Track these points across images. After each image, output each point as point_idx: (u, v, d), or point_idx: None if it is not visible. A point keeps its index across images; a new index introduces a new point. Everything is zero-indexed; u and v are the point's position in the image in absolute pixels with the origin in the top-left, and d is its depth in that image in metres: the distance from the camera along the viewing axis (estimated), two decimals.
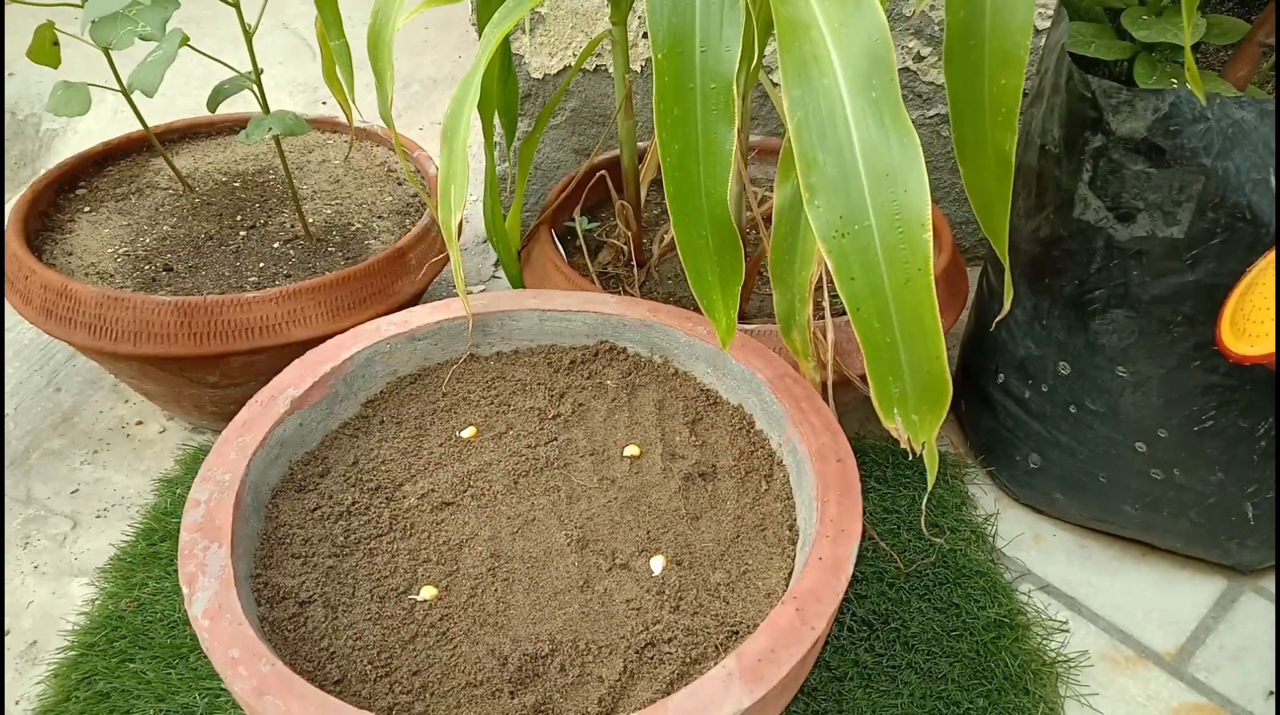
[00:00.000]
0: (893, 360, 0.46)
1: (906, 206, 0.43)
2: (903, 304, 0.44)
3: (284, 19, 1.85)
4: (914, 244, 0.43)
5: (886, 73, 0.44)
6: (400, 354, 0.73)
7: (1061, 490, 0.90)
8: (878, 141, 0.44)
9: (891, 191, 0.43)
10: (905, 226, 0.43)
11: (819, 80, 0.45)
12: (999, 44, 0.54)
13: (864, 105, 0.44)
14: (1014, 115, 0.55)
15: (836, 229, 0.44)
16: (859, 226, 0.44)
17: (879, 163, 0.44)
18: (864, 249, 0.44)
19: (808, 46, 0.45)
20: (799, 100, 0.45)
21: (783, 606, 0.52)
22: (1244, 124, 0.66)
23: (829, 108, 0.45)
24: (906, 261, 0.43)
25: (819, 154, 0.44)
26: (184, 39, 0.84)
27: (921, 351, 0.45)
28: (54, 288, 0.87)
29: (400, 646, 0.55)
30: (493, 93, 0.87)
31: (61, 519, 0.94)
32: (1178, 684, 0.81)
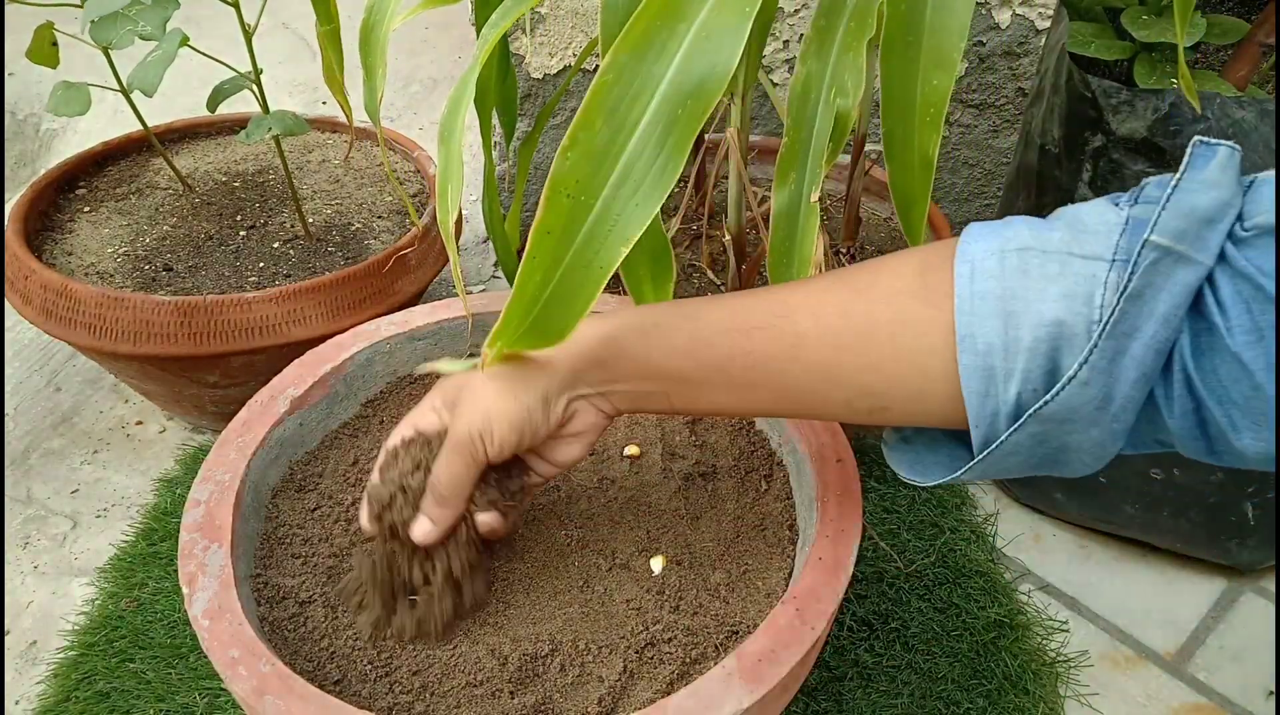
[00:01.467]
0: (526, 312, 0.46)
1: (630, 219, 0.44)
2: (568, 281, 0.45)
3: (284, 19, 1.85)
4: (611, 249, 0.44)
5: (705, 105, 0.44)
6: (400, 354, 0.73)
7: (1061, 490, 0.90)
8: (649, 152, 0.44)
9: (630, 199, 0.44)
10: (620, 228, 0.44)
11: (651, 64, 0.45)
12: (936, 43, 0.54)
13: (664, 114, 0.44)
14: (940, 117, 0.55)
15: (569, 189, 0.44)
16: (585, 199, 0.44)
17: (635, 170, 0.44)
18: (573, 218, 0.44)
19: (666, 31, 0.44)
20: (622, 64, 0.44)
21: (782, 606, 0.52)
22: (1244, 124, 0.66)
23: (638, 91, 0.44)
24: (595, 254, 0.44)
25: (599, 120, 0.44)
26: (184, 39, 0.84)
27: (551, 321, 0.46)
28: (54, 288, 0.87)
29: (400, 646, 0.55)
30: (491, 92, 0.87)
31: (61, 519, 0.94)
32: (1178, 684, 0.81)
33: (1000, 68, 1.10)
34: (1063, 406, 0.40)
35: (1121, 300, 0.38)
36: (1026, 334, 0.40)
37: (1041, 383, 0.40)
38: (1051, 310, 0.39)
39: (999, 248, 0.42)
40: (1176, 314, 0.38)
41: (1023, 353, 0.40)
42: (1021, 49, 1.08)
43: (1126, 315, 0.38)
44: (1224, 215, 0.37)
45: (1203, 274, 0.37)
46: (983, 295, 0.41)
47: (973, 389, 0.41)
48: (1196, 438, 0.40)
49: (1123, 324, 0.38)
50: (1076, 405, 0.39)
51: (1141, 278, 0.37)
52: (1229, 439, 0.38)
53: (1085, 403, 0.39)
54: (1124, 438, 0.41)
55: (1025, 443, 0.42)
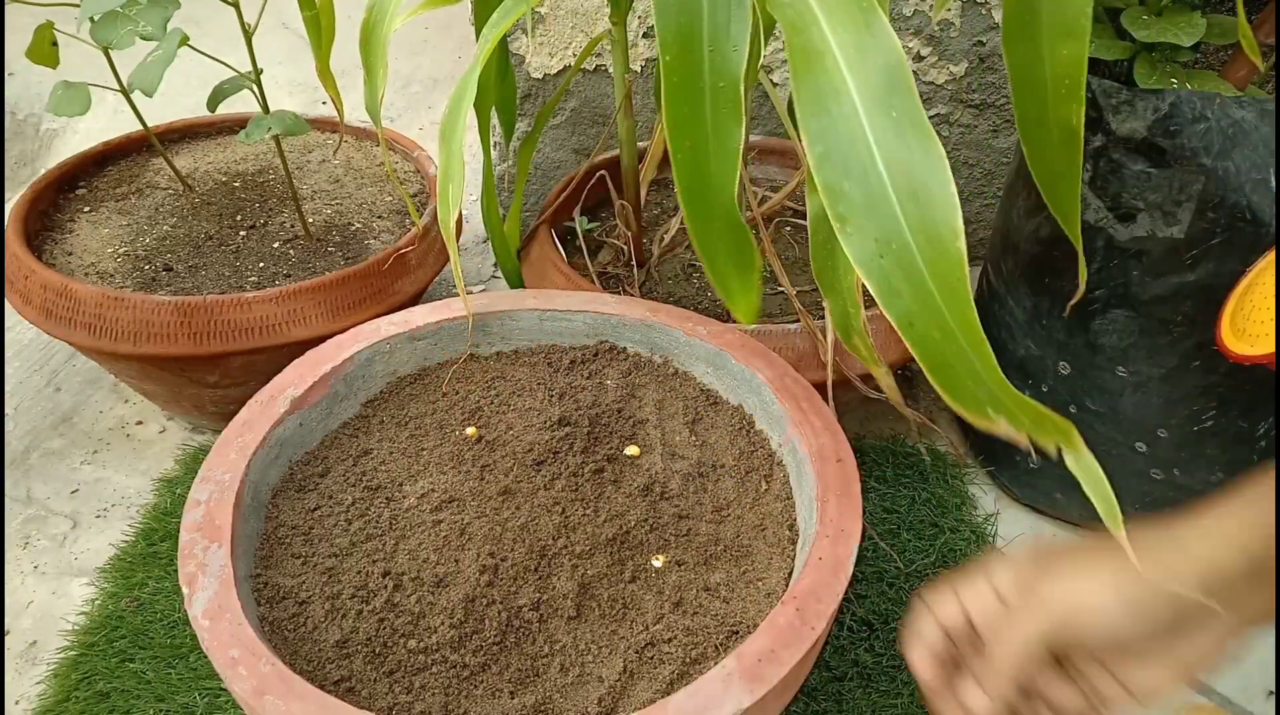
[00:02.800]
0: (969, 368, 0.44)
1: (939, 218, 0.42)
2: (955, 313, 0.43)
3: (284, 19, 1.85)
4: (949, 252, 0.42)
5: (906, 91, 0.44)
6: (400, 354, 0.73)
7: (1062, 490, 0.90)
8: (900, 158, 0.43)
9: (923, 206, 0.43)
10: (940, 238, 0.42)
11: (836, 110, 0.44)
12: (1059, 14, 0.53)
13: (886, 126, 0.43)
14: (1079, 87, 0.54)
15: (872, 253, 0.43)
16: (896, 245, 0.43)
17: (904, 180, 0.43)
18: (905, 265, 0.43)
19: (823, 76, 0.45)
20: (818, 134, 0.44)
21: (783, 606, 0.52)
22: (1244, 124, 0.66)
23: (849, 136, 0.44)
24: (949, 273, 0.43)
25: (843, 183, 0.44)
26: (184, 38, 0.84)
27: (979, 355, 0.44)
28: (54, 288, 0.87)
29: (400, 646, 0.55)
30: (491, 92, 0.87)
31: (61, 519, 0.94)
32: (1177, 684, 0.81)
33: (1000, 67, 1.10)
34: None
35: None
36: None
37: None
38: None
39: None
40: None
41: None
42: None
43: None
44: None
45: None
46: None
47: None
48: None
49: None
50: None
51: None
52: None
53: None
54: None
55: None
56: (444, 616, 0.56)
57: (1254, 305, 0.71)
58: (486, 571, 0.58)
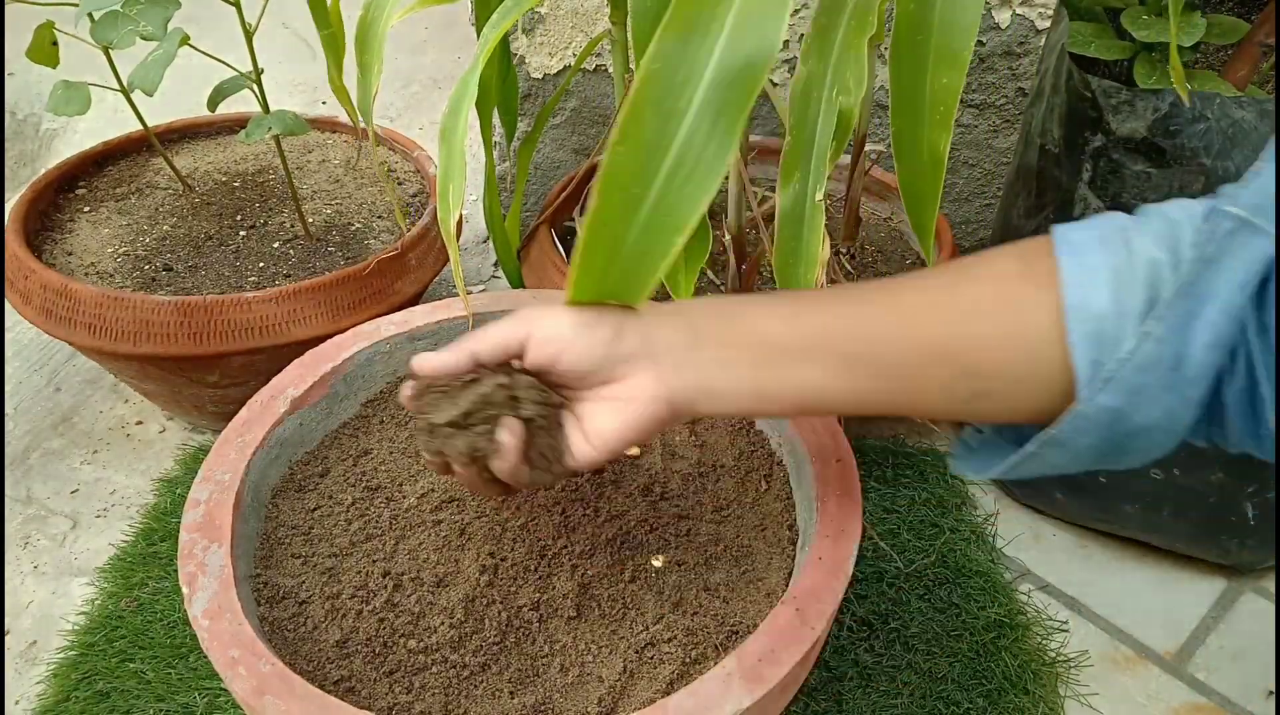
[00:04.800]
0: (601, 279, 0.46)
1: (683, 208, 0.43)
2: (624, 274, 0.45)
3: (284, 19, 1.85)
4: (670, 240, 0.43)
5: (749, 89, 0.43)
6: (400, 354, 0.73)
7: (1061, 490, 0.90)
8: (698, 139, 0.43)
9: (682, 189, 0.43)
10: (671, 216, 0.43)
11: (695, 49, 0.43)
12: (945, 41, 0.53)
13: (712, 100, 0.43)
14: (950, 115, 0.55)
15: (620, 182, 0.43)
16: (637, 191, 0.44)
17: (688, 158, 0.43)
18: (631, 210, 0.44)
19: (708, 13, 0.43)
20: (667, 53, 0.43)
21: (782, 606, 0.52)
22: (1244, 124, 0.66)
23: (685, 79, 0.43)
24: (651, 246, 0.44)
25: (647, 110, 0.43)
26: (184, 38, 0.84)
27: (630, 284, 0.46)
28: (54, 287, 0.87)
29: (400, 646, 0.55)
30: (492, 92, 0.87)
31: (61, 519, 0.94)
32: (1178, 684, 0.81)
33: (1000, 68, 1.09)
34: (1138, 366, 0.40)
35: (1198, 263, 0.39)
36: (1133, 301, 0.41)
37: None
38: (1147, 277, 0.41)
39: (1099, 233, 0.43)
40: (1249, 282, 0.39)
41: (1132, 318, 0.41)
42: (1021, 49, 1.08)
43: (1201, 277, 0.39)
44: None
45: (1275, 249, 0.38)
46: (1092, 268, 0.42)
47: (1084, 358, 0.42)
48: (1247, 417, 0.41)
49: (1198, 286, 0.39)
50: (1150, 364, 0.40)
51: (1218, 244, 0.39)
52: (1266, 419, 0.40)
53: (1159, 362, 0.40)
54: (1197, 410, 0.42)
55: (1097, 419, 0.42)
56: (444, 616, 0.56)
57: None
58: (486, 571, 0.58)
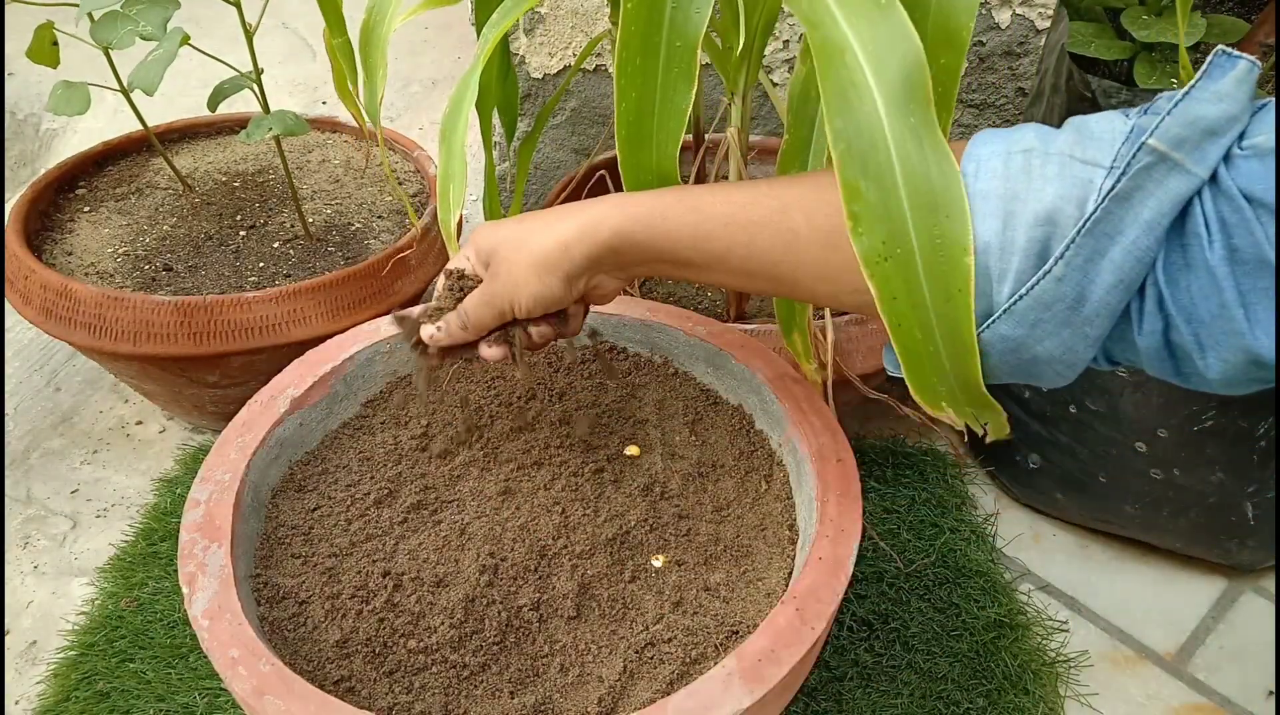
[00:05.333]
0: (937, 366, 0.46)
1: (949, 233, 0.43)
2: (943, 317, 0.45)
3: (284, 19, 1.85)
4: (957, 266, 0.43)
5: (923, 97, 0.44)
6: (400, 354, 0.73)
7: (1061, 490, 0.90)
8: (918, 169, 0.43)
9: (934, 217, 0.43)
10: (948, 250, 0.43)
11: (859, 107, 0.44)
12: (943, 21, 0.53)
13: (905, 132, 0.44)
14: (951, 97, 0.55)
15: (879, 254, 0.44)
16: (901, 250, 0.44)
17: (920, 189, 0.43)
18: (905, 270, 0.44)
19: (844, 72, 0.45)
20: (841, 132, 0.44)
21: (782, 606, 0.52)
22: None
23: (870, 135, 0.44)
24: (949, 282, 0.43)
25: (860, 181, 0.44)
26: (184, 38, 0.84)
27: (963, 365, 0.46)
28: (54, 287, 0.87)
29: (400, 646, 0.55)
30: (492, 92, 0.87)
31: (61, 519, 0.94)
32: (1178, 684, 0.81)
33: (1000, 68, 1.09)
34: (1035, 302, 0.40)
35: (1107, 200, 0.38)
36: (1021, 234, 0.40)
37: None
38: (1045, 210, 0.40)
39: (1005, 149, 0.42)
40: (1160, 223, 0.38)
41: (1017, 253, 0.41)
42: (1021, 49, 1.08)
43: (1110, 215, 0.38)
44: (1228, 129, 0.37)
45: (1195, 186, 0.37)
46: (984, 194, 0.42)
47: None
48: (1163, 358, 0.41)
49: (1105, 224, 0.38)
50: (1049, 301, 0.40)
51: (1131, 180, 0.38)
52: (1194, 360, 0.39)
53: (1058, 300, 0.40)
54: (1096, 347, 0.42)
55: (998, 346, 0.42)
56: (444, 616, 0.56)
57: None
58: (486, 571, 0.58)
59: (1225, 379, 0.39)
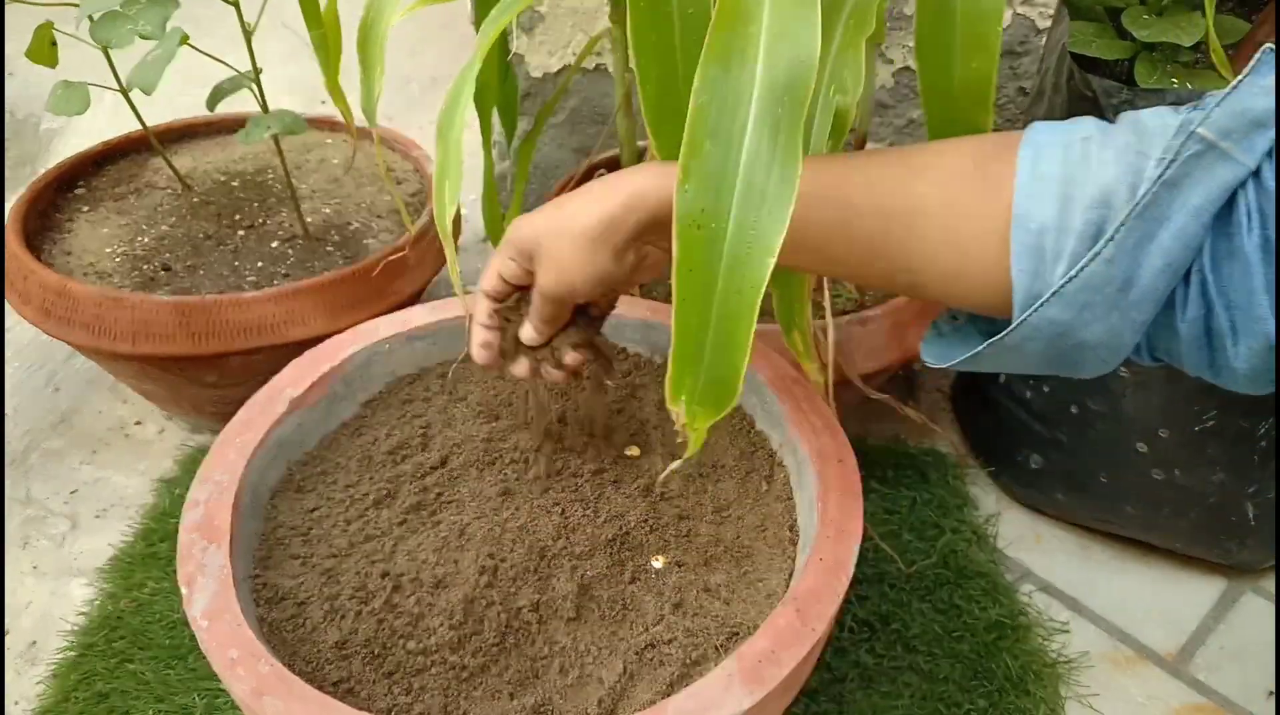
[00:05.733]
0: (696, 356, 0.46)
1: (763, 231, 0.43)
2: (725, 312, 0.44)
3: (284, 18, 1.84)
4: (757, 265, 0.43)
5: (800, 98, 0.43)
6: (399, 354, 0.73)
7: (1062, 490, 0.90)
8: (763, 159, 0.43)
9: (757, 212, 0.43)
10: (755, 246, 0.43)
11: (736, 73, 0.43)
12: (971, 27, 0.53)
13: (766, 117, 0.43)
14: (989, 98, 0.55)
15: (694, 220, 0.43)
16: (715, 227, 0.43)
17: (756, 180, 0.43)
18: (710, 247, 0.43)
19: (740, 37, 0.44)
20: (711, 82, 0.43)
21: (783, 607, 0.52)
22: None
23: (734, 104, 0.43)
24: (744, 277, 0.43)
25: (706, 142, 0.43)
26: (183, 38, 0.84)
27: (725, 362, 0.45)
28: (53, 287, 0.87)
29: (400, 647, 0.55)
30: (491, 90, 0.87)
31: (61, 519, 0.94)
32: (1178, 684, 0.81)
33: (1001, 67, 1.09)
34: (1085, 284, 0.41)
35: (1157, 186, 0.39)
36: (1078, 217, 0.41)
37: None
38: (1100, 194, 0.41)
39: (1065, 139, 0.43)
40: (1208, 210, 0.38)
41: (1073, 235, 0.41)
42: (1022, 48, 1.08)
43: (1159, 201, 0.39)
44: (1275, 122, 0.38)
45: (1242, 176, 0.38)
46: (1044, 177, 0.42)
47: (1022, 268, 0.43)
48: (1201, 347, 0.41)
49: (1154, 209, 0.39)
50: (1099, 283, 0.40)
51: (1181, 167, 0.38)
52: (1226, 349, 0.40)
53: (1107, 282, 0.40)
54: (1140, 333, 0.42)
55: (1045, 331, 0.43)
56: (443, 617, 0.56)
57: None
58: (486, 572, 0.58)
59: (1251, 370, 0.40)
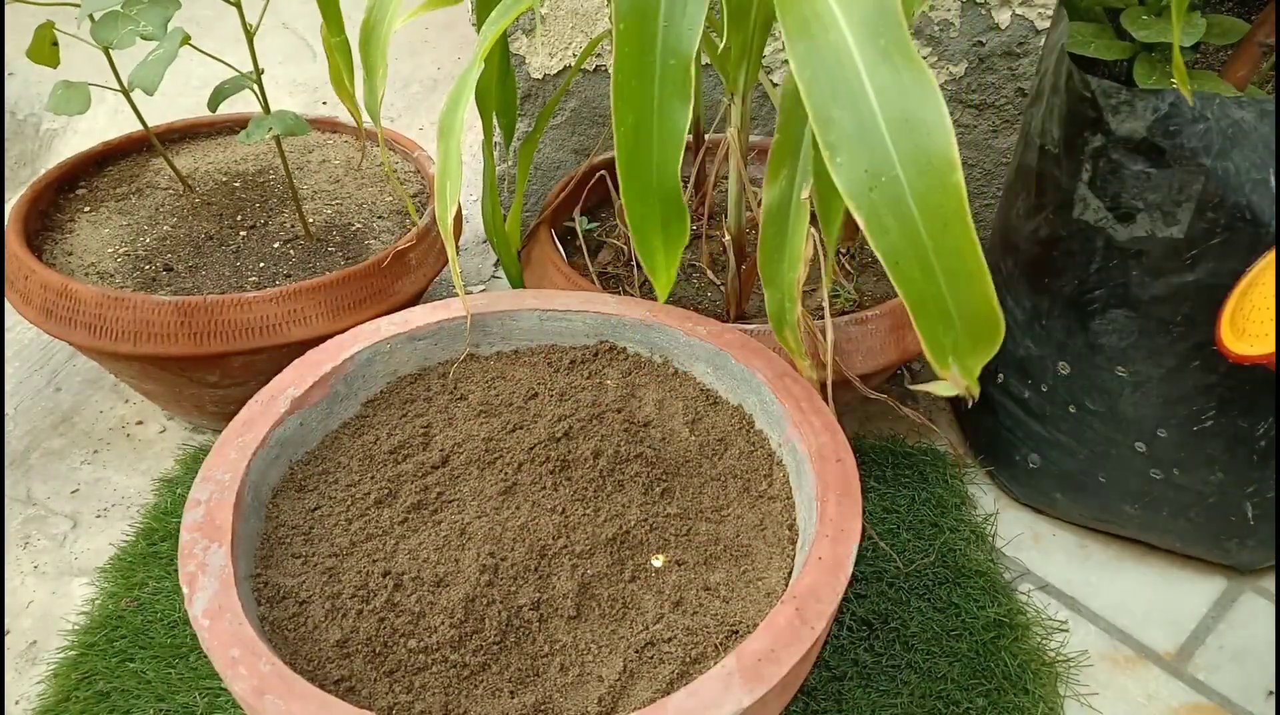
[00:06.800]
0: (941, 310, 0.43)
1: (933, 150, 0.41)
2: (943, 249, 0.42)
3: (284, 19, 1.85)
4: (946, 187, 0.41)
5: (894, 19, 0.42)
6: (400, 354, 0.73)
7: (1061, 490, 0.90)
8: (893, 90, 0.41)
9: (914, 137, 0.41)
10: (934, 171, 0.40)
11: (823, 37, 0.42)
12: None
13: (874, 55, 0.42)
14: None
15: (864, 184, 0.42)
16: (886, 178, 0.41)
17: (897, 110, 0.41)
18: (896, 200, 0.41)
19: (807, 5, 0.44)
20: (805, 58, 0.42)
21: (782, 606, 0.52)
22: (1243, 124, 0.66)
23: (837, 62, 0.42)
24: (941, 205, 0.41)
25: (833, 110, 0.42)
26: (185, 38, 0.84)
27: (969, 294, 0.43)
28: (54, 288, 0.87)
29: (400, 646, 0.55)
30: (492, 92, 0.87)
31: (61, 519, 0.94)
32: (1178, 684, 0.81)
33: (1000, 68, 1.09)
34: None
35: None
36: None
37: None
38: None
39: None
40: None
41: None
42: (1021, 49, 1.08)
43: None
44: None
45: None
46: None
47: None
48: None
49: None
50: None
51: None
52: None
53: None
54: None
55: None
56: (444, 616, 0.56)
57: (1253, 305, 0.71)
58: (486, 571, 0.58)
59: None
